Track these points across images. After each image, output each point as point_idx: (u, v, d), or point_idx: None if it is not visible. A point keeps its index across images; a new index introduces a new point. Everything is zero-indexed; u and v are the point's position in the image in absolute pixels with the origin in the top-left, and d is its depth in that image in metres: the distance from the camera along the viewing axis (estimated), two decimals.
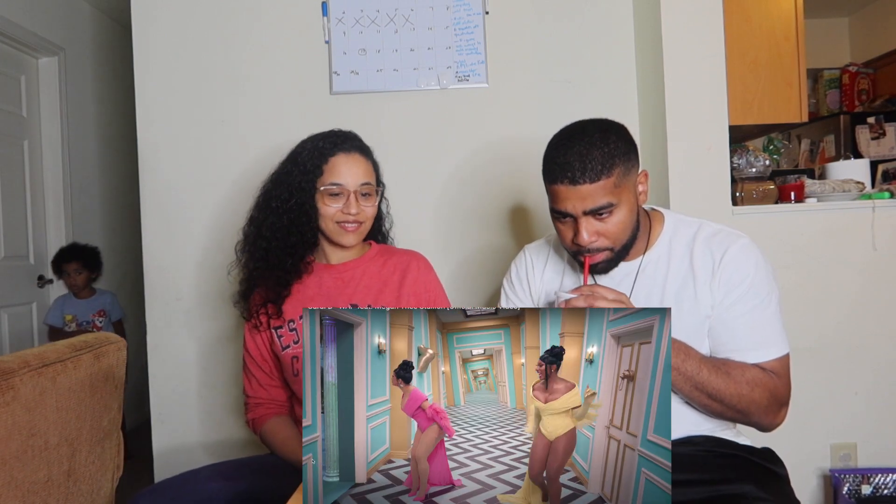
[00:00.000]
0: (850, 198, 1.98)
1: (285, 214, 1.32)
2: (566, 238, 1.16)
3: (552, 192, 1.14)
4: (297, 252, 1.33)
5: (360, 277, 1.37)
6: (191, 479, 1.24)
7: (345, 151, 1.33)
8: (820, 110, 3.94)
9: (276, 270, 1.33)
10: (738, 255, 1.13)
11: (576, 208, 1.10)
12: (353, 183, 1.31)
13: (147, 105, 2.13)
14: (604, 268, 1.17)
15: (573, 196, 1.09)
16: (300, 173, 1.32)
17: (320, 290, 1.37)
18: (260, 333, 1.37)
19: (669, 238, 1.21)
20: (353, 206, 1.30)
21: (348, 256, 1.39)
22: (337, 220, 1.31)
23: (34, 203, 3.08)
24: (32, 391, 0.93)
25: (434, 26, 2.12)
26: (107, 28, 3.64)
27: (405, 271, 1.38)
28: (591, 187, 1.08)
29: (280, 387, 1.40)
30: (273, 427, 1.35)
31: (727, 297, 1.13)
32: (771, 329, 1.13)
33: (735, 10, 2.04)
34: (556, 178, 1.11)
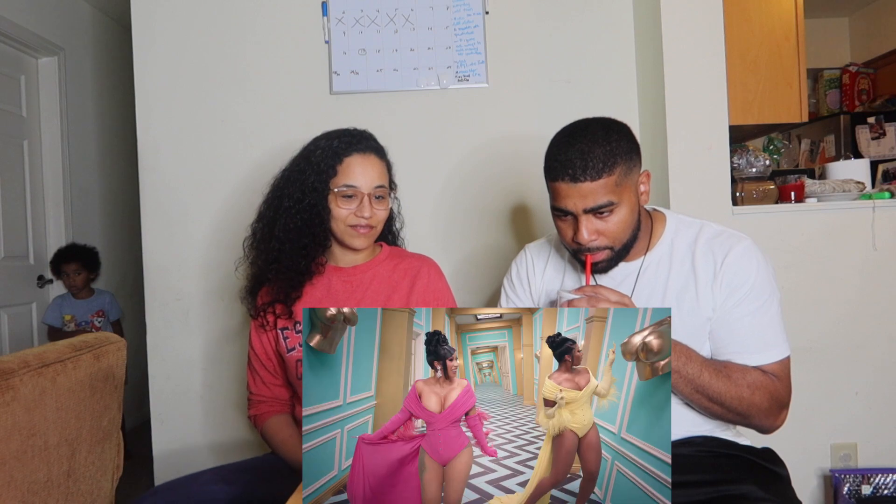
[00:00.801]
0: (851, 198, 1.98)
1: (298, 215, 1.29)
2: (566, 236, 1.16)
3: (553, 189, 1.13)
4: (310, 254, 1.31)
5: (370, 282, 1.35)
6: (191, 482, 1.24)
7: (360, 152, 1.30)
8: (820, 110, 3.93)
9: (288, 272, 1.31)
10: (740, 257, 1.13)
11: (576, 206, 1.10)
12: (367, 185, 1.28)
13: (147, 105, 2.13)
14: (603, 267, 1.16)
15: (574, 194, 1.09)
16: (313, 173, 1.28)
17: (329, 292, 1.35)
18: (266, 333, 1.36)
19: (671, 239, 1.20)
20: (367, 209, 1.27)
21: (358, 259, 1.37)
22: (349, 223, 1.28)
23: (34, 203, 3.08)
24: (32, 391, 0.93)
25: (434, 26, 2.12)
26: (107, 28, 3.64)
27: (415, 277, 1.35)
28: (592, 185, 1.07)
29: (283, 386, 1.40)
30: (274, 426, 1.35)
31: (729, 299, 1.12)
32: (772, 331, 1.12)
33: (735, 10, 2.03)
34: (557, 175, 1.10)
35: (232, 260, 2.12)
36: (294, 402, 1.41)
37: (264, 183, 1.41)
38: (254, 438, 2.11)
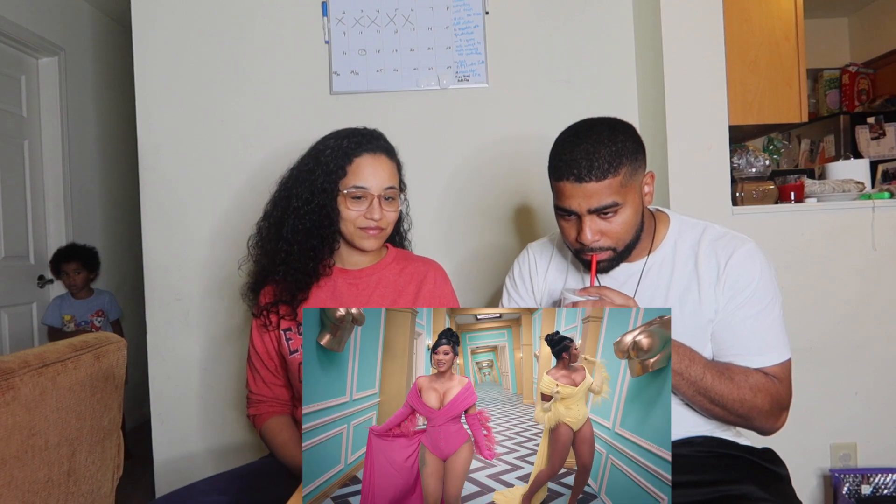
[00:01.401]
0: (850, 198, 1.98)
1: (307, 216, 1.27)
2: (569, 236, 1.15)
3: (557, 189, 1.12)
4: (318, 255, 1.29)
5: (376, 285, 1.34)
6: (186, 494, 1.21)
7: (370, 152, 1.27)
8: (820, 110, 3.94)
9: (296, 273, 1.29)
10: (743, 259, 1.13)
11: (580, 206, 1.09)
12: (377, 187, 1.26)
13: (147, 105, 2.13)
14: (605, 267, 1.16)
15: (578, 194, 1.08)
16: (323, 173, 1.26)
17: (334, 294, 1.34)
18: (268, 332, 1.35)
19: (674, 240, 1.20)
20: (377, 210, 1.25)
21: (365, 261, 1.36)
22: (359, 225, 1.26)
23: (34, 203, 3.08)
24: (32, 391, 0.93)
25: (434, 26, 2.12)
26: (107, 28, 3.64)
27: (421, 282, 1.34)
28: (596, 186, 1.06)
29: (284, 386, 1.39)
30: (273, 427, 1.34)
31: (732, 301, 1.12)
32: (774, 334, 1.12)
33: (735, 10, 2.04)
34: (561, 174, 1.09)
35: (232, 259, 2.11)
36: (294, 403, 1.40)
37: (265, 182, 1.40)
38: (253, 439, 2.11)
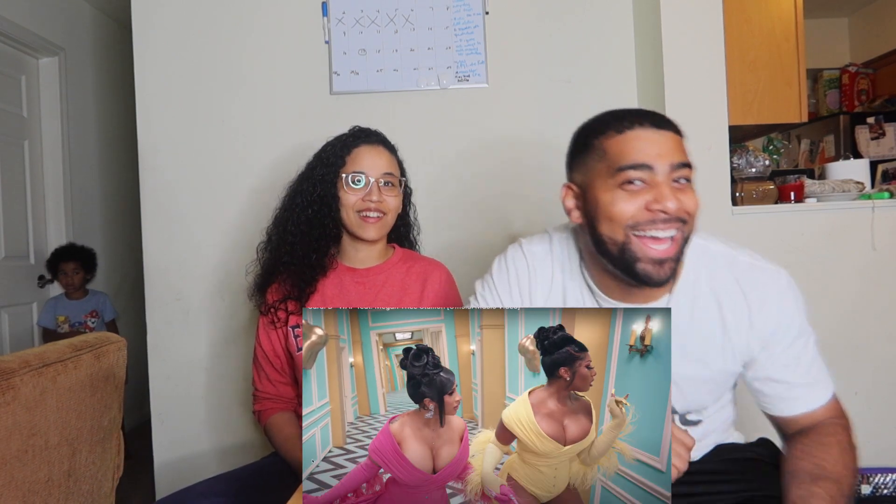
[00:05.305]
0: (850, 198, 1.98)
1: (309, 207, 1.32)
2: (625, 212, 0.85)
3: (622, 142, 0.87)
4: (321, 247, 1.33)
5: (383, 284, 1.36)
6: (185, 496, 1.21)
7: (368, 143, 1.34)
8: (820, 110, 3.94)
9: (300, 266, 1.33)
10: (780, 300, 0.97)
11: (661, 159, 0.84)
12: (375, 171, 1.31)
13: (147, 105, 2.13)
14: (663, 276, 0.86)
15: (659, 140, 0.85)
16: (323, 166, 1.33)
17: (341, 292, 1.35)
18: (276, 330, 1.36)
19: (694, 277, 0.97)
20: (375, 193, 1.30)
21: (371, 260, 1.38)
22: (358, 210, 1.30)
23: (34, 203, 3.08)
24: (33, 391, 0.93)
25: (434, 26, 2.12)
26: (107, 28, 3.64)
27: (426, 280, 1.37)
28: (676, 138, 0.86)
29: (289, 384, 1.40)
30: (277, 423, 1.35)
31: (767, 350, 0.98)
32: (817, 367, 1.01)
33: (735, 10, 2.04)
34: (633, 121, 0.86)
35: (233, 259, 2.12)
36: (299, 401, 1.41)
37: (265, 182, 1.42)
38: (254, 439, 2.11)
